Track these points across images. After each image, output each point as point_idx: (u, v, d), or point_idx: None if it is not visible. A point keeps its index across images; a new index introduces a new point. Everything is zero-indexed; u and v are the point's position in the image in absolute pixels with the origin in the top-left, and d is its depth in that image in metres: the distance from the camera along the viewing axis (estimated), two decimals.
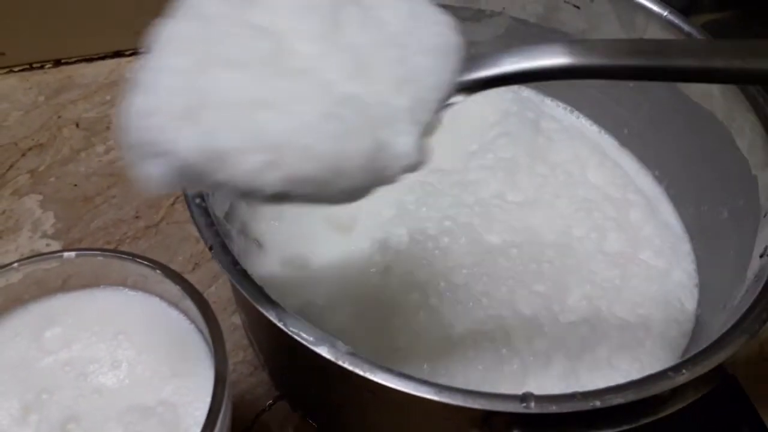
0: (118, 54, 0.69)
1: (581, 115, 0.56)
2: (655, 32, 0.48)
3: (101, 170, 0.59)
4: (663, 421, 0.31)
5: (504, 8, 0.53)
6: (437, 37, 0.29)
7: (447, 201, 0.47)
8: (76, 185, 0.58)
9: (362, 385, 0.32)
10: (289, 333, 0.30)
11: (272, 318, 0.30)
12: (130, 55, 0.69)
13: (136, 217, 0.56)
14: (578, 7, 0.51)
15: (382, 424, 0.37)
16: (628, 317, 0.43)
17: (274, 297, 0.31)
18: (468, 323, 0.41)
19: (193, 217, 0.34)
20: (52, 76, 0.67)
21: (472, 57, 0.30)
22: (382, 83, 0.27)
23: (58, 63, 0.68)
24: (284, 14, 0.26)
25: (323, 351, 0.30)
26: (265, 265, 0.43)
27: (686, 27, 0.47)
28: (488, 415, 0.31)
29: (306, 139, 0.25)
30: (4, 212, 0.56)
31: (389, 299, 0.43)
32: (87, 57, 0.69)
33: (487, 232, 0.46)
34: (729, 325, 0.33)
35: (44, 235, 0.55)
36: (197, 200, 0.34)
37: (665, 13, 0.47)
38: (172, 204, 0.57)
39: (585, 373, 0.40)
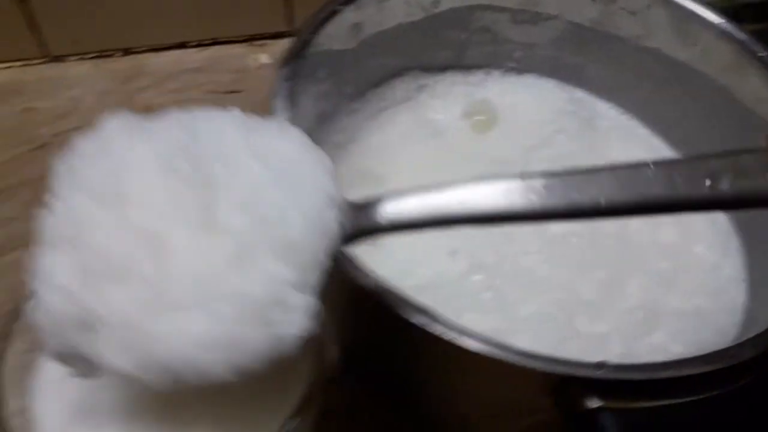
0: (183, 45, 0.73)
1: (633, 117, 0.59)
2: (709, 40, 0.50)
3: None
4: (729, 395, 0.33)
5: (560, 12, 0.56)
6: (315, 193, 0.29)
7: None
8: None
9: (442, 350, 0.35)
10: (379, 296, 0.33)
11: (369, 285, 0.33)
12: (195, 46, 0.73)
13: None
14: (634, 14, 0.53)
15: (450, 389, 0.40)
16: (683, 306, 0.45)
17: None
18: (532, 305, 0.44)
19: None
20: (122, 63, 0.71)
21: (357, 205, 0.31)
22: (265, 261, 0.27)
23: (127, 52, 0.71)
24: (157, 210, 0.27)
25: (414, 317, 0.32)
26: None
27: (740, 35, 0.49)
28: (563, 383, 0.34)
29: (198, 357, 0.25)
30: None
31: (455, 279, 0.46)
32: (154, 47, 0.72)
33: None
34: None
35: None
36: None
37: (720, 22, 0.50)
38: None
39: (643, 357, 0.42)
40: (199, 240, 0.26)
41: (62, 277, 0.27)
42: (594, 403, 0.33)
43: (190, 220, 0.26)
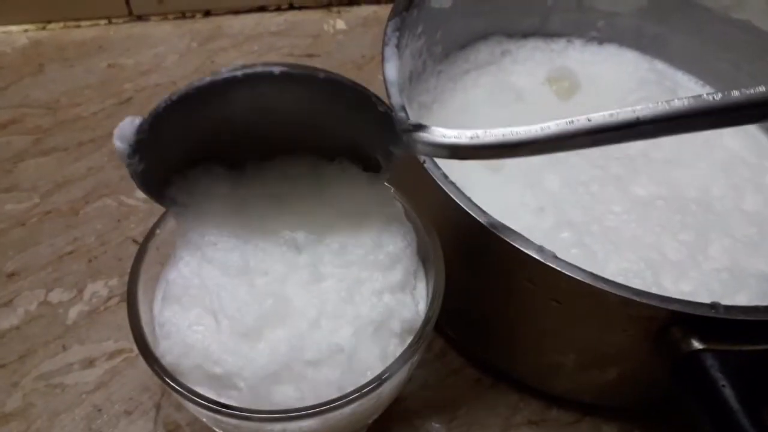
0: (261, 9, 0.74)
1: (712, 89, 0.59)
2: None
3: None
4: None
5: None
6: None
7: (595, 153, 0.50)
8: None
9: (551, 292, 0.36)
10: (500, 235, 0.34)
11: (484, 222, 0.35)
12: (273, 10, 0.74)
13: None
14: None
15: (548, 337, 0.41)
16: (766, 269, 0.46)
17: None
18: (619, 261, 0.45)
19: None
20: (202, 25, 0.73)
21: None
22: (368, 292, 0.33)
23: (207, 14, 0.73)
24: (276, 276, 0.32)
25: (533, 253, 0.34)
26: None
27: None
28: (668, 325, 0.35)
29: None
30: None
31: (543, 236, 0.46)
32: (234, 10, 0.74)
33: (634, 184, 0.49)
34: None
35: None
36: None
37: None
38: None
39: None
40: (313, 289, 0.32)
41: (199, 334, 0.31)
42: (697, 345, 0.34)
43: (304, 276, 0.32)
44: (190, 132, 0.31)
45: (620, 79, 0.58)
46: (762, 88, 0.30)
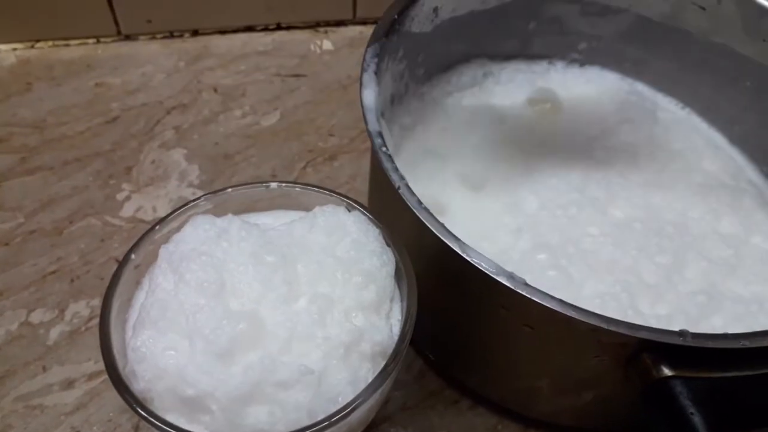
0: (249, 29, 0.75)
1: (692, 112, 0.60)
2: None
3: (239, 132, 0.65)
4: None
5: (630, 5, 0.57)
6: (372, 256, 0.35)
7: (575, 175, 0.51)
8: (217, 143, 0.64)
9: (524, 318, 0.37)
10: (473, 263, 0.34)
11: (456, 248, 0.35)
12: (261, 30, 0.75)
13: (273, 176, 0.62)
14: (704, 8, 0.54)
15: (522, 361, 0.42)
16: (742, 292, 0.46)
17: None
18: (595, 284, 0.45)
19: (381, 162, 0.38)
20: (190, 44, 0.73)
21: None
22: (340, 315, 0.34)
23: (195, 33, 0.74)
24: (252, 295, 0.32)
25: (503, 279, 0.34)
26: None
27: None
28: (637, 352, 0.35)
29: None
30: (153, 161, 0.62)
31: (520, 257, 0.47)
32: (221, 29, 0.74)
33: (612, 206, 0.50)
34: None
35: (190, 185, 0.60)
36: (383, 148, 0.39)
37: None
38: (304, 167, 0.62)
39: None
40: (286, 311, 0.32)
41: (172, 358, 0.31)
42: (666, 372, 0.34)
43: (279, 297, 0.32)
44: None
45: (601, 101, 0.59)
46: None
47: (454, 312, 0.42)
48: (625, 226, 0.49)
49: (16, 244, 0.55)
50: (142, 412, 0.29)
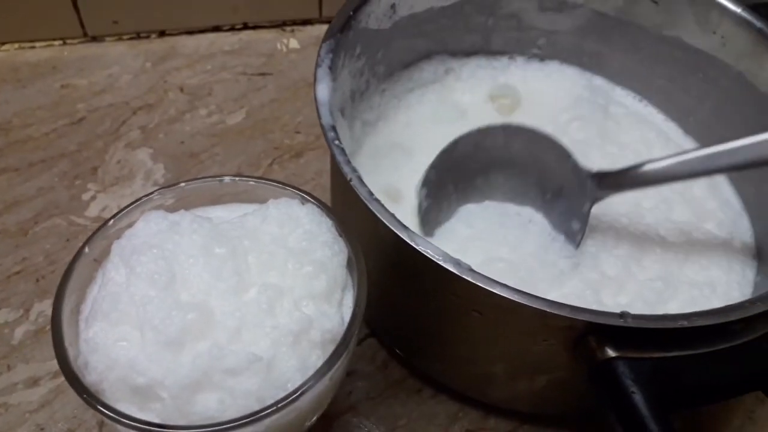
0: (216, 28, 0.75)
1: (649, 104, 0.61)
2: (728, 28, 0.53)
3: (205, 131, 0.65)
4: (736, 350, 0.36)
5: (586, 1, 0.58)
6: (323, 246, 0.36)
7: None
8: (182, 142, 0.64)
9: (473, 303, 0.38)
10: (420, 250, 0.35)
11: (405, 237, 0.36)
12: (228, 30, 0.75)
13: (238, 173, 0.62)
14: (656, 3, 0.56)
15: (476, 347, 0.42)
16: (696, 277, 0.48)
17: None
18: (559, 287, 0.46)
19: (334, 155, 0.39)
20: (157, 45, 0.73)
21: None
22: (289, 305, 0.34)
23: (162, 34, 0.74)
24: (201, 286, 0.33)
25: (449, 266, 0.35)
26: None
27: (758, 23, 0.51)
28: (583, 335, 0.36)
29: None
30: (119, 161, 0.62)
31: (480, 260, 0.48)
32: (188, 30, 0.75)
33: None
34: None
35: (156, 184, 0.61)
36: (336, 142, 0.40)
37: (739, 10, 0.52)
38: (270, 164, 0.63)
39: None
40: (236, 301, 0.33)
41: (123, 349, 0.31)
42: (611, 353, 0.35)
43: (228, 288, 0.33)
44: None
45: (558, 96, 0.60)
46: None
47: (410, 302, 0.43)
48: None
49: None
50: (93, 402, 0.30)
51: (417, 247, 0.35)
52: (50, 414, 0.47)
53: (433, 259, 0.35)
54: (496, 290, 0.34)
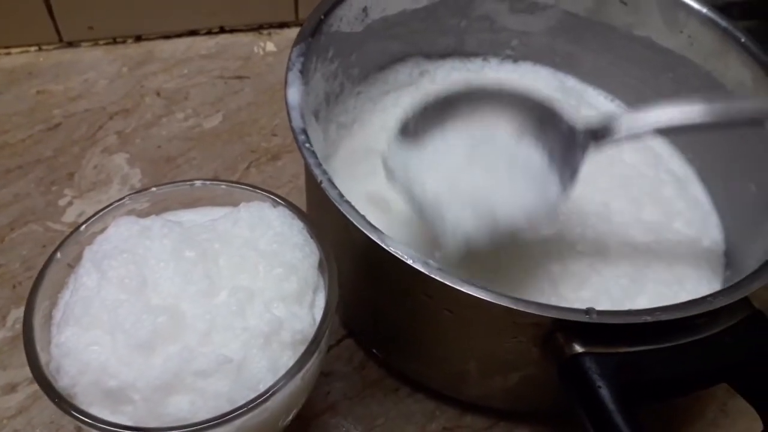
0: (193, 33, 0.75)
1: (621, 104, 0.62)
2: (694, 28, 0.54)
3: (181, 135, 0.65)
4: (700, 343, 0.36)
5: (557, 1, 0.59)
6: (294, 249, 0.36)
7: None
8: (159, 147, 0.64)
9: (444, 303, 0.38)
10: (390, 251, 0.36)
11: (375, 239, 0.36)
12: (204, 34, 0.75)
13: (215, 177, 0.62)
14: (625, 3, 0.56)
15: (449, 345, 0.43)
16: (664, 274, 0.48)
17: None
18: (518, 275, 0.47)
19: (304, 157, 0.40)
20: (133, 50, 0.74)
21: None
22: (259, 306, 0.34)
23: (138, 39, 0.74)
24: (172, 290, 0.33)
25: (419, 266, 0.35)
26: None
27: (723, 23, 0.52)
28: (551, 332, 0.37)
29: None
30: (96, 167, 0.62)
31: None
32: (165, 34, 0.75)
33: None
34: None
35: (132, 188, 0.61)
36: (306, 144, 0.40)
37: (704, 10, 0.53)
38: (247, 168, 0.63)
39: None
40: (206, 303, 0.33)
41: (95, 353, 0.32)
42: (578, 349, 0.36)
43: (199, 290, 0.33)
44: None
45: None
46: None
47: (384, 302, 0.44)
48: None
49: None
50: (66, 407, 0.30)
51: (387, 248, 0.36)
52: (28, 420, 0.47)
53: (402, 259, 0.35)
54: (464, 288, 0.35)
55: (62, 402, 0.31)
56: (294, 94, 0.43)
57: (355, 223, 0.37)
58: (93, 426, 0.30)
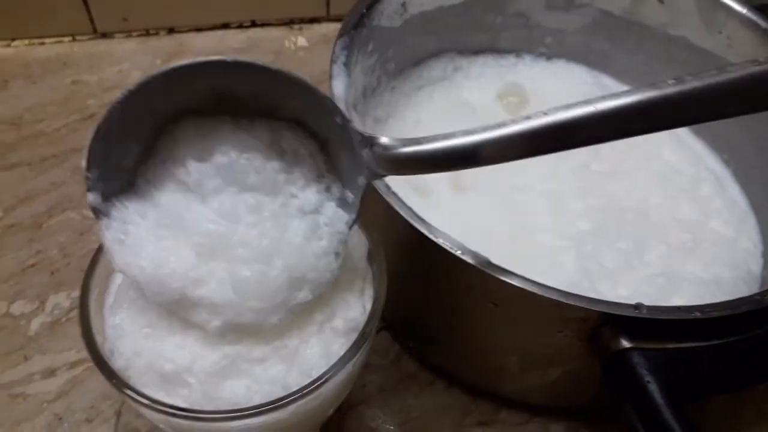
0: (224, 26, 0.76)
1: None
2: (734, 28, 0.54)
3: None
4: (746, 342, 0.36)
5: (593, 0, 0.59)
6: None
7: (537, 168, 0.53)
8: None
9: (489, 295, 0.38)
10: (439, 243, 0.36)
11: (424, 230, 0.36)
12: (236, 27, 0.76)
13: None
14: (662, 2, 0.56)
15: (491, 339, 0.43)
16: (701, 274, 0.48)
17: None
18: (557, 274, 0.47)
19: None
20: (166, 42, 0.74)
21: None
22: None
23: (171, 31, 0.75)
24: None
25: (467, 258, 0.36)
26: None
27: (764, 24, 0.52)
28: (597, 326, 0.37)
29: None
30: None
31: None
32: (197, 27, 0.75)
33: (572, 197, 0.52)
34: None
35: None
36: None
37: (744, 11, 0.53)
38: None
39: None
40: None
41: (151, 336, 0.32)
42: (625, 344, 0.36)
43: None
44: (145, 127, 0.31)
45: (566, 94, 0.60)
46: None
47: (424, 295, 0.44)
48: (584, 216, 0.51)
49: None
50: (122, 387, 0.31)
51: (435, 240, 0.36)
52: (68, 404, 0.47)
53: (450, 251, 0.36)
54: (514, 281, 0.35)
55: (119, 382, 0.31)
56: (339, 86, 0.43)
57: (403, 214, 0.37)
58: (150, 407, 0.30)
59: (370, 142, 0.31)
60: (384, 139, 0.31)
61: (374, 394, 0.49)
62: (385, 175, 0.33)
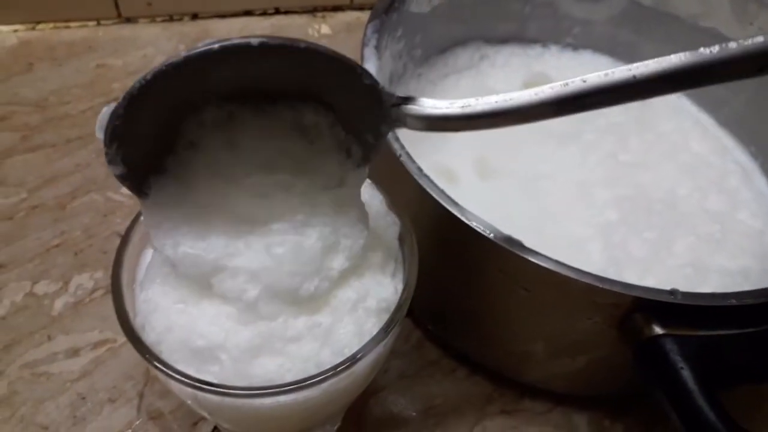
0: (248, 13, 0.76)
1: (682, 95, 0.61)
2: (766, 20, 0.53)
3: None
4: None
5: None
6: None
7: (566, 157, 0.52)
8: None
9: (521, 280, 0.38)
10: (473, 226, 0.36)
11: (457, 213, 0.36)
12: (260, 15, 0.76)
13: None
14: None
15: (519, 325, 0.43)
16: (729, 265, 0.48)
17: None
18: (584, 263, 0.46)
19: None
20: (189, 27, 0.74)
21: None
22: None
23: (195, 17, 0.75)
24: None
25: (501, 241, 0.35)
26: None
27: None
28: (630, 312, 0.37)
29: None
30: None
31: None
32: (221, 14, 0.75)
33: (601, 186, 0.51)
34: None
35: None
36: None
37: None
38: None
39: None
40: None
41: (184, 312, 0.32)
42: (658, 330, 0.36)
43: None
44: (167, 112, 0.30)
45: None
46: (760, 39, 0.27)
47: (452, 278, 0.44)
48: (614, 206, 0.50)
49: (20, 218, 0.56)
50: (154, 361, 0.31)
51: (469, 223, 0.36)
52: (91, 384, 0.47)
53: (484, 234, 0.35)
54: (548, 265, 0.35)
55: (152, 357, 0.31)
56: (371, 69, 0.43)
57: (435, 196, 0.37)
58: (182, 382, 0.30)
59: (405, 101, 0.31)
60: (423, 99, 0.31)
61: (396, 380, 0.49)
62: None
